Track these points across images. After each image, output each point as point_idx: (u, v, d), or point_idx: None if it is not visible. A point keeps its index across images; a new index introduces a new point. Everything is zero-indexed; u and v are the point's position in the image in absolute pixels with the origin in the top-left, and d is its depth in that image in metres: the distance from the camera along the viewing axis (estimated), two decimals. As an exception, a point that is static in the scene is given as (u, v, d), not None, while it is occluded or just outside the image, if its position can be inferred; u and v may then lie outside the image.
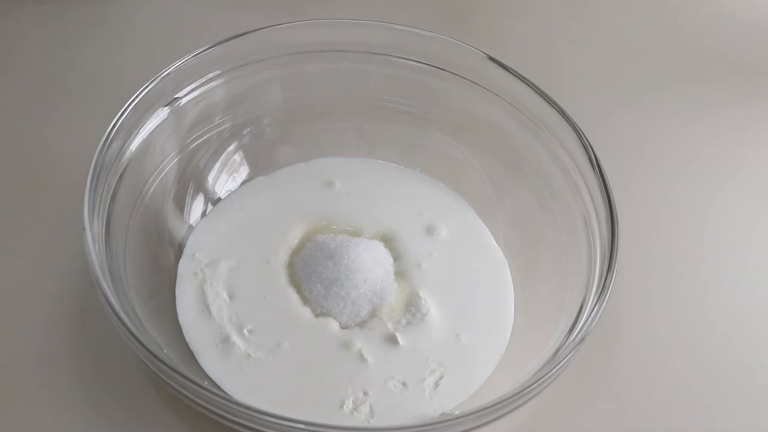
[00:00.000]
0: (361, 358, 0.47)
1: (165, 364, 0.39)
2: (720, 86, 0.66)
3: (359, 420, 0.44)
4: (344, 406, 0.45)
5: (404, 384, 0.46)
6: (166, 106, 0.50)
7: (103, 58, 0.62)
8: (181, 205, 0.52)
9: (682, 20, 0.71)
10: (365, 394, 0.45)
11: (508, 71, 0.52)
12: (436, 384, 0.46)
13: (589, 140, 0.48)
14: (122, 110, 0.47)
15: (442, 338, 0.48)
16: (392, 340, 0.47)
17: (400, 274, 0.51)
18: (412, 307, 0.49)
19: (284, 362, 0.46)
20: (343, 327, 0.48)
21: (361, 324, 0.48)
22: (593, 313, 0.42)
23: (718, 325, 0.51)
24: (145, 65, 0.50)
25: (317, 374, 0.46)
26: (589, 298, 0.44)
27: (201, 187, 0.53)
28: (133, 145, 0.48)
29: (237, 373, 0.46)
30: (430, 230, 0.53)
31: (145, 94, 0.48)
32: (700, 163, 0.60)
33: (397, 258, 0.51)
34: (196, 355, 0.46)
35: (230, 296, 0.49)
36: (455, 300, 0.50)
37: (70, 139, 0.55)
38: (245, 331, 0.47)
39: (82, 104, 0.58)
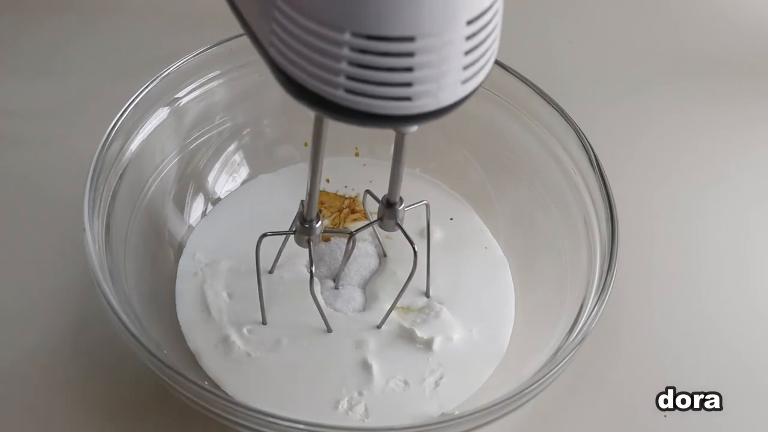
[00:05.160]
0: (362, 356, 0.47)
1: (165, 364, 0.39)
2: (721, 87, 0.66)
3: (355, 419, 0.44)
4: (340, 406, 0.45)
5: (405, 383, 0.46)
6: (166, 106, 0.50)
7: (104, 58, 0.62)
8: (181, 205, 0.52)
9: (682, 21, 0.71)
10: (360, 394, 0.45)
11: (508, 71, 0.52)
12: (436, 384, 0.46)
13: (589, 140, 0.48)
14: (122, 110, 0.47)
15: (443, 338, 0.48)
16: (409, 336, 0.47)
17: (400, 274, 0.51)
18: (417, 308, 0.49)
19: (284, 361, 0.46)
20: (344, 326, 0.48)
21: (363, 323, 0.48)
22: (593, 313, 0.42)
23: (718, 324, 0.51)
24: (145, 65, 0.50)
25: (316, 373, 0.46)
26: (589, 298, 0.44)
27: (201, 187, 0.53)
28: (133, 145, 0.48)
29: (237, 373, 0.46)
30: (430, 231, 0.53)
31: (145, 94, 0.48)
32: (701, 163, 0.60)
33: (397, 259, 0.51)
34: (196, 355, 0.46)
35: (230, 296, 0.49)
36: (456, 300, 0.50)
37: (70, 139, 0.55)
38: (245, 330, 0.47)
39: (82, 104, 0.58)
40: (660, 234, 0.56)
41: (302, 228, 0.44)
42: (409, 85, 0.31)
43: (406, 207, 0.46)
